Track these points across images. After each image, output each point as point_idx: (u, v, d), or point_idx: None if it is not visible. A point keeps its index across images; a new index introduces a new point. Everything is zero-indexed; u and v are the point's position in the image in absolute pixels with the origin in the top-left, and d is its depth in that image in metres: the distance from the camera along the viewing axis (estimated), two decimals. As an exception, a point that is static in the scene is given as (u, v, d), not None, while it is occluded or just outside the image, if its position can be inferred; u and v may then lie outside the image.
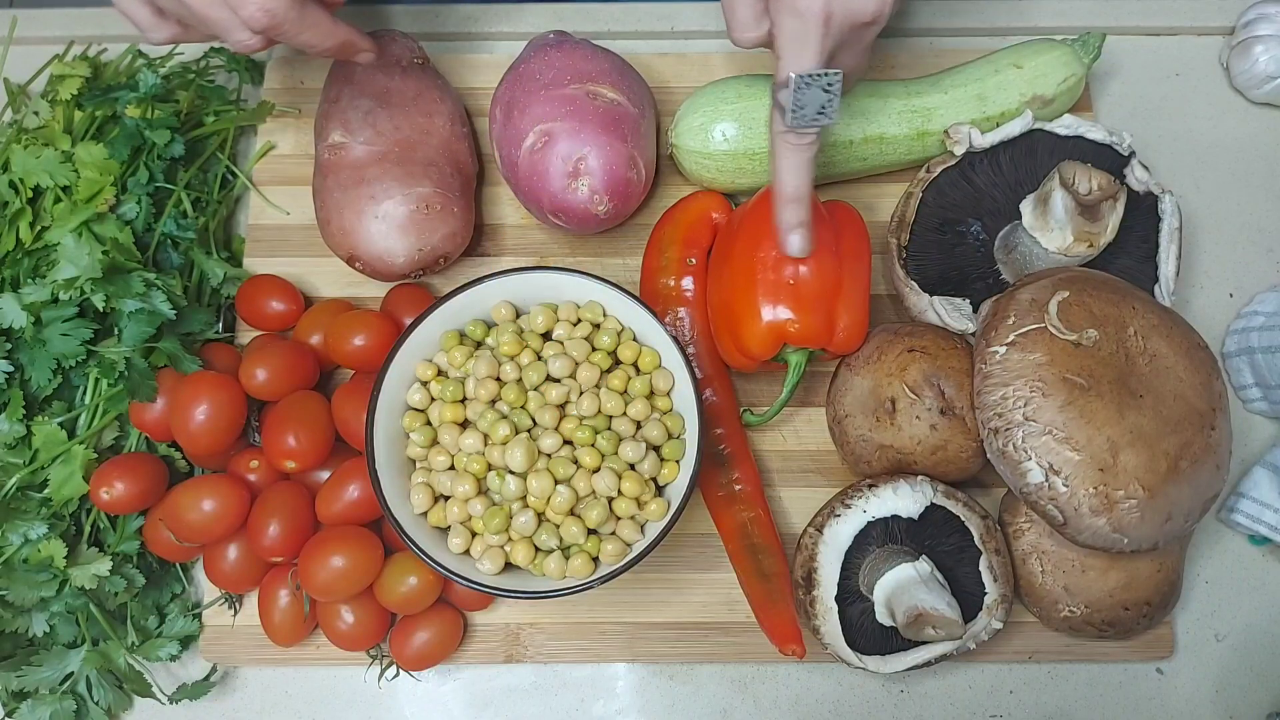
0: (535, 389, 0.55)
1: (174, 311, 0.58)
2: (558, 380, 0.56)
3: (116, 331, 0.58)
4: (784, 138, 0.54)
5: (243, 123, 0.68)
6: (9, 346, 0.57)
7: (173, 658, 0.59)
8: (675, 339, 0.56)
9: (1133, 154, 0.62)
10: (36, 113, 0.65)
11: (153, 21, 0.54)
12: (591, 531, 0.54)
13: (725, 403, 0.62)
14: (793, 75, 0.52)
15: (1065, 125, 0.62)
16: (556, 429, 0.55)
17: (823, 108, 0.53)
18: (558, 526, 0.53)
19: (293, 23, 0.51)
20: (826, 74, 0.52)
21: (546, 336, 0.58)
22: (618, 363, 0.58)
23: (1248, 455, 0.64)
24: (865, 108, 0.64)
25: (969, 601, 0.55)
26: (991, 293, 0.58)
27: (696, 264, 0.62)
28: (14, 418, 0.57)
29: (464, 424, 0.56)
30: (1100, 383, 0.51)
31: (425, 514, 0.55)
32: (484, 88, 0.69)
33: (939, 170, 0.62)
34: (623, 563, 0.52)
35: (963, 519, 0.56)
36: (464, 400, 0.56)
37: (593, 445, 0.54)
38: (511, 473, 0.53)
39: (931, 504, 0.55)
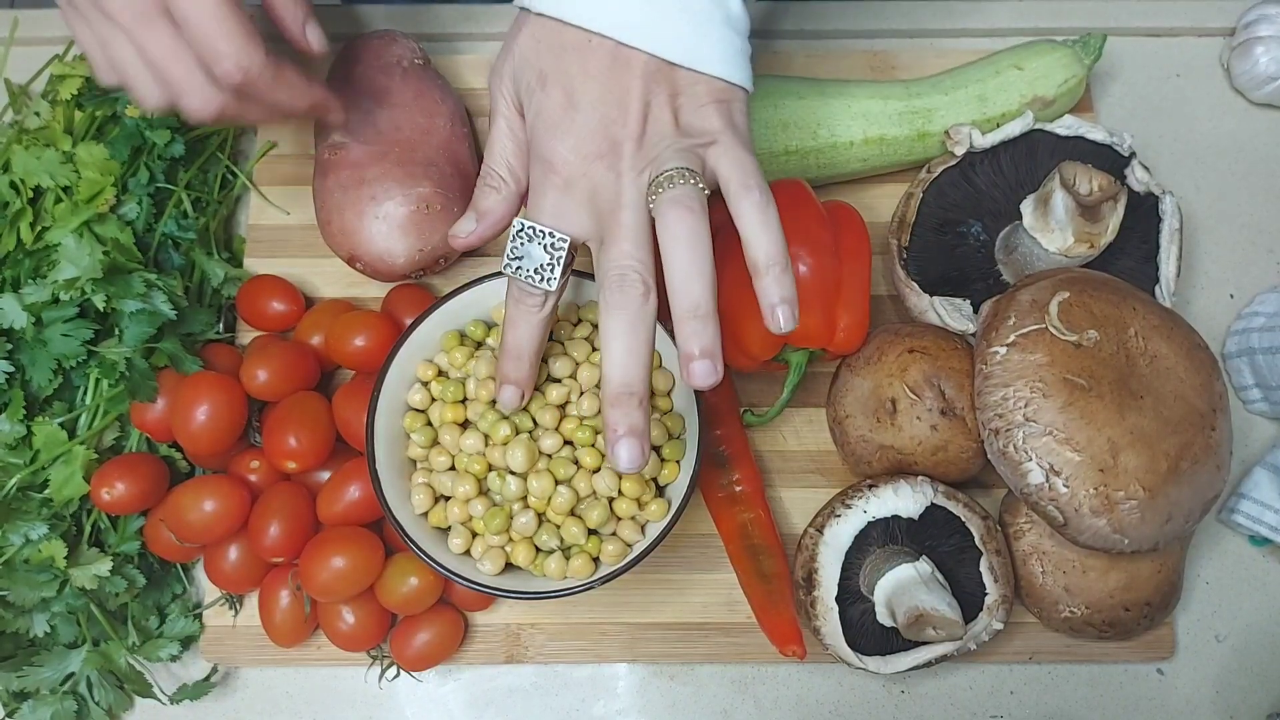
0: (536, 389, 0.55)
1: (174, 312, 0.58)
2: (558, 380, 0.56)
3: (117, 332, 0.58)
4: (510, 286, 0.49)
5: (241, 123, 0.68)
6: (9, 347, 0.57)
7: (173, 658, 0.59)
8: (675, 339, 0.56)
9: (1133, 155, 0.62)
10: (37, 113, 0.65)
11: (104, 67, 0.50)
12: (592, 532, 0.54)
13: (725, 403, 0.61)
14: (517, 221, 0.47)
15: (1066, 126, 0.62)
16: (557, 429, 0.55)
17: (540, 269, 0.47)
18: (558, 527, 0.53)
19: (267, 82, 0.49)
20: (552, 234, 0.47)
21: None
22: (618, 363, 0.57)
23: (1248, 456, 0.64)
24: (866, 109, 0.64)
25: (969, 602, 0.55)
26: (992, 293, 0.58)
27: (697, 264, 0.62)
28: (14, 418, 0.57)
29: (464, 424, 0.56)
30: (1101, 383, 0.51)
31: (426, 514, 0.55)
32: (484, 88, 0.68)
33: (939, 171, 0.62)
34: (623, 563, 0.52)
35: (963, 519, 0.56)
36: (464, 401, 0.56)
37: (593, 445, 0.54)
38: (512, 473, 0.53)
39: (932, 504, 0.55)
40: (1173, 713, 0.61)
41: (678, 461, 0.56)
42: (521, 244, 0.47)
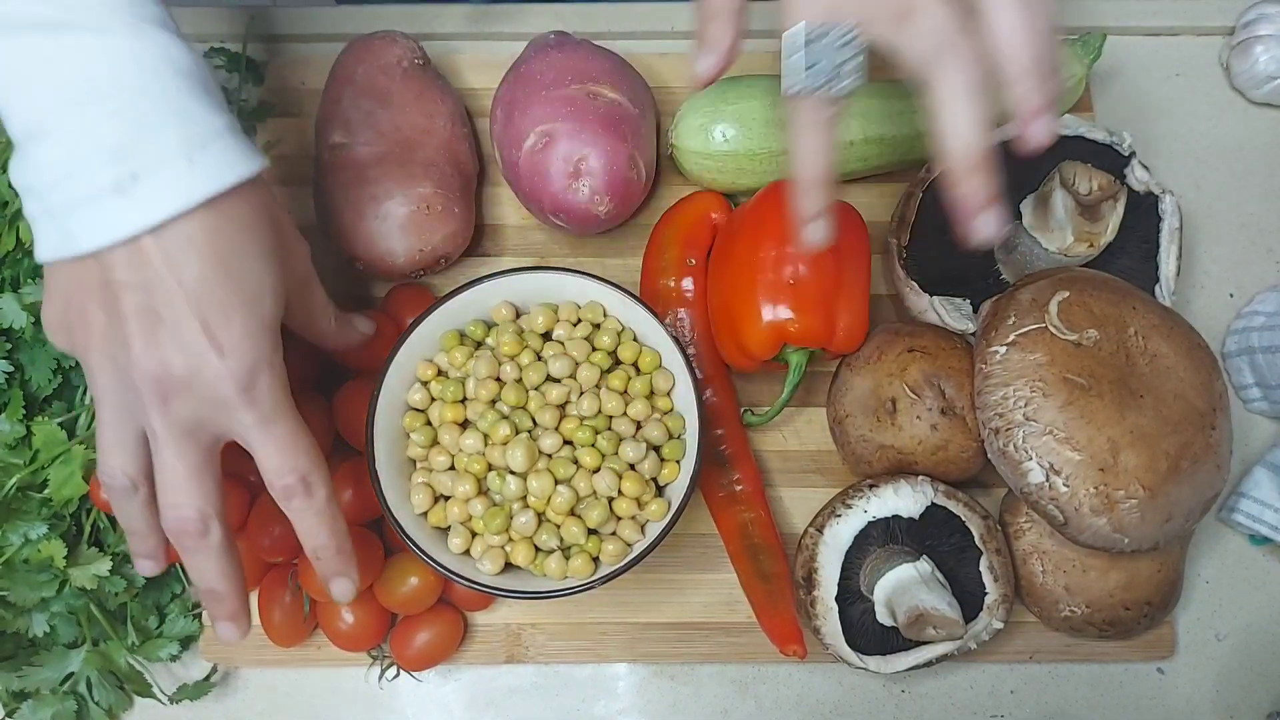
0: (535, 389, 0.55)
1: (174, 312, 0.58)
2: (558, 380, 0.56)
3: (117, 332, 0.58)
4: (796, 110, 0.45)
5: (243, 122, 0.68)
6: (9, 346, 0.57)
7: (173, 658, 0.59)
8: (676, 339, 0.56)
9: (1133, 154, 0.62)
10: (37, 113, 0.65)
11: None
12: (592, 531, 0.54)
13: (725, 403, 0.62)
14: (799, 25, 0.43)
15: (1065, 125, 0.62)
16: (557, 429, 0.55)
17: (834, 71, 0.43)
18: (558, 527, 0.53)
19: (320, 503, 0.47)
20: (841, 28, 0.43)
21: (547, 336, 0.58)
22: (618, 363, 0.58)
23: (1248, 455, 0.64)
24: (865, 108, 0.64)
25: (969, 601, 0.55)
26: (992, 293, 0.58)
27: (696, 264, 0.62)
28: (14, 418, 0.57)
29: (464, 424, 0.56)
30: (1101, 383, 0.51)
31: (425, 514, 0.55)
32: (484, 88, 0.69)
33: (940, 170, 0.62)
34: (623, 563, 0.52)
35: (963, 519, 0.56)
36: (464, 400, 0.56)
37: (593, 445, 0.54)
38: (512, 473, 0.53)
39: (932, 504, 0.55)
40: (1173, 712, 0.61)
41: (678, 461, 0.56)
42: (808, 50, 0.43)
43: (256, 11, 0.71)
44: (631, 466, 0.55)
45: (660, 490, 0.56)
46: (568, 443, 0.55)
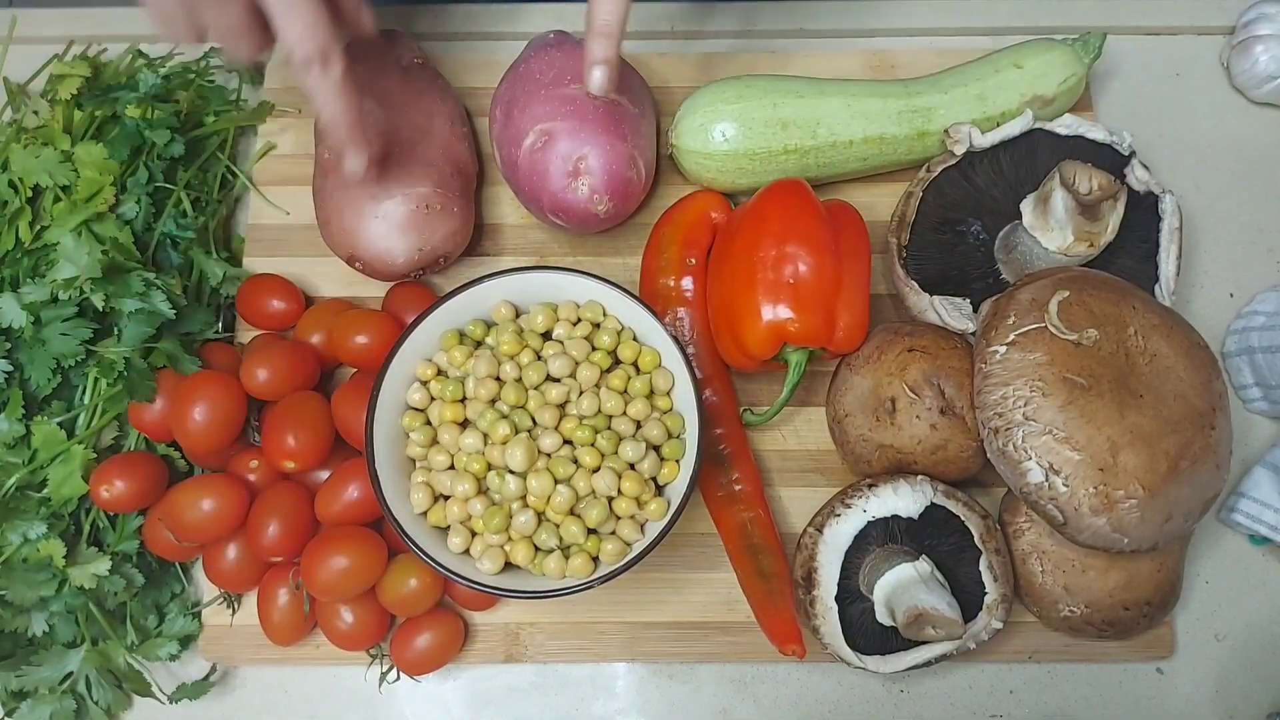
0: (535, 388, 0.55)
1: (174, 311, 0.58)
2: (558, 380, 0.56)
3: (116, 331, 0.58)
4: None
5: (242, 123, 0.68)
6: (9, 346, 0.57)
7: (172, 657, 0.59)
8: (675, 339, 0.56)
9: (1133, 154, 0.62)
10: (36, 112, 0.65)
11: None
12: (591, 531, 0.54)
13: (725, 402, 0.62)
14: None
15: (1065, 125, 0.62)
16: (556, 428, 0.55)
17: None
18: (557, 526, 0.53)
19: (322, 72, 0.50)
20: None
21: (546, 336, 0.58)
22: (618, 362, 0.58)
23: (1248, 455, 0.64)
24: (865, 108, 0.64)
25: (969, 601, 0.55)
26: (992, 292, 0.58)
27: (696, 264, 0.63)
28: (13, 417, 0.57)
29: (464, 423, 0.56)
30: (1100, 382, 0.51)
31: (425, 513, 0.55)
32: (484, 88, 0.69)
33: (939, 170, 0.62)
34: (623, 562, 0.52)
35: (963, 519, 0.56)
36: (464, 400, 0.56)
37: (593, 445, 0.54)
38: (511, 472, 0.53)
39: (931, 504, 0.55)
40: (1172, 712, 0.61)
41: (677, 461, 0.56)
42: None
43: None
44: (631, 466, 0.55)
45: (660, 490, 0.56)
46: (567, 442, 0.55)
